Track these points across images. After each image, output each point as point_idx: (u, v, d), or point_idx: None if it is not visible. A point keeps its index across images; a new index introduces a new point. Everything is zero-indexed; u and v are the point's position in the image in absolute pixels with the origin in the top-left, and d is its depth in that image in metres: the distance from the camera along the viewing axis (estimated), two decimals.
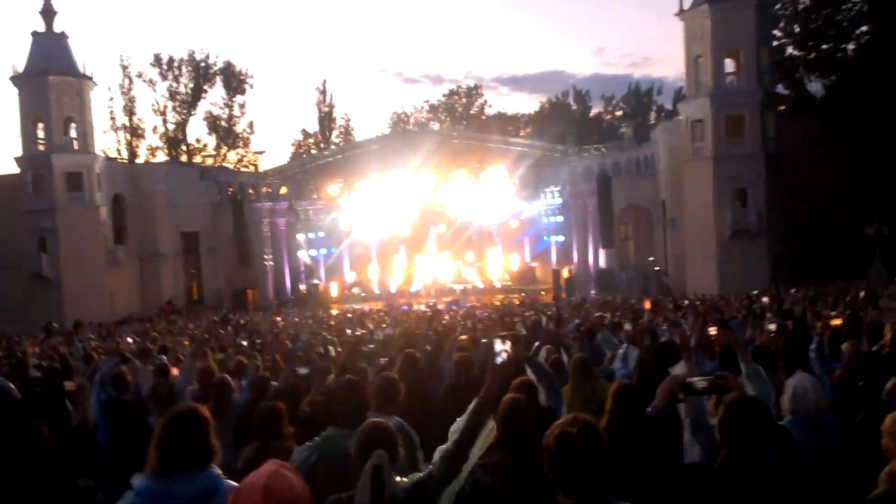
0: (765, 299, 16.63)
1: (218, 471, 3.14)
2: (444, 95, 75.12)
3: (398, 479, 3.04)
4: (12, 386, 8.35)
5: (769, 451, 3.26)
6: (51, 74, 34.30)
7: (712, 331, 7.12)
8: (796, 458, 3.29)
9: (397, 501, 2.88)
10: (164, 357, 10.10)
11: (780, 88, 36.05)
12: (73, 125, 35.66)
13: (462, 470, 3.15)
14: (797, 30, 35.28)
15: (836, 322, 7.22)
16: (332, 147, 59.07)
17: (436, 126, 69.01)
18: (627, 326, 11.36)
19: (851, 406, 4.88)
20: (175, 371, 7.90)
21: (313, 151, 61.74)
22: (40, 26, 35.56)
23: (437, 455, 3.18)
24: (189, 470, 3.04)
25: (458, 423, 3.24)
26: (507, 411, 4.14)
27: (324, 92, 65.93)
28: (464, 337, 9.77)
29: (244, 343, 14.54)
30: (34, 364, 10.56)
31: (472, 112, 72.28)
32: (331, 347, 11.79)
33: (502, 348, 3.48)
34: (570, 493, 2.60)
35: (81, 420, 6.21)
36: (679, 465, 3.80)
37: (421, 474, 3.09)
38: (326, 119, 65.83)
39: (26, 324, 24.73)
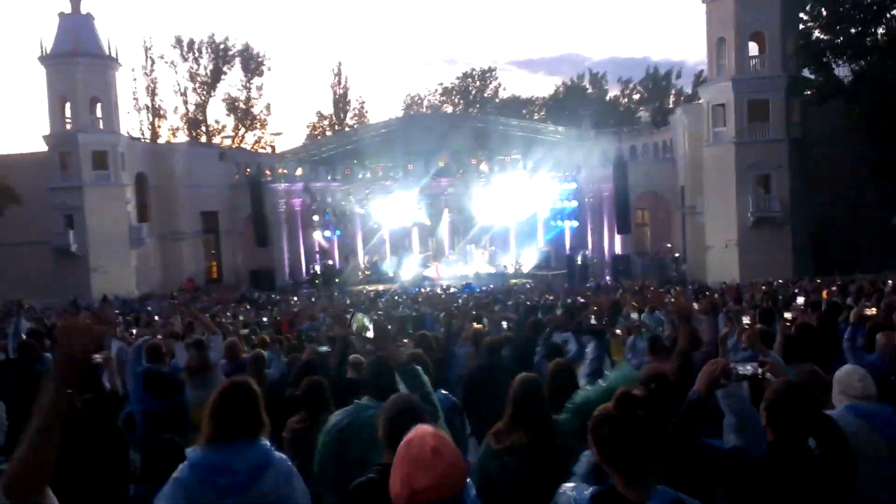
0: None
1: (268, 443, 3.21)
2: (457, 78, 74.44)
3: None
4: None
5: (814, 438, 3.27)
6: (78, 55, 34.89)
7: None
8: (841, 446, 3.29)
9: None
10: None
11: (806, 73, 34.71)
12: (98, 105, 36.21)
13: None
14: (824, 13, 34.26)
15: (870, 312, 7.05)
16: (347, 130, 59.28)
17: (449, 109, 68.86)
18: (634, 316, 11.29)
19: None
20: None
21: (328, 133, 62.03)
22: (67, 7, 35.93)
23: None
24: (242, 441, 3.10)
25: None
26: (520, 391, 4.15)
27: (339, 74, 66.35)
28: (479, 326, 9.68)
29: (265, 320, 14.79)
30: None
31: (486, 95, 71.81)
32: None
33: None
34: (620, 470, 2.61)
35: (111, 390, 6.36)
36: (719, 449, 3.80)
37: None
38: (341, 101, 66.17)
39: (53, 299, 25.21)
